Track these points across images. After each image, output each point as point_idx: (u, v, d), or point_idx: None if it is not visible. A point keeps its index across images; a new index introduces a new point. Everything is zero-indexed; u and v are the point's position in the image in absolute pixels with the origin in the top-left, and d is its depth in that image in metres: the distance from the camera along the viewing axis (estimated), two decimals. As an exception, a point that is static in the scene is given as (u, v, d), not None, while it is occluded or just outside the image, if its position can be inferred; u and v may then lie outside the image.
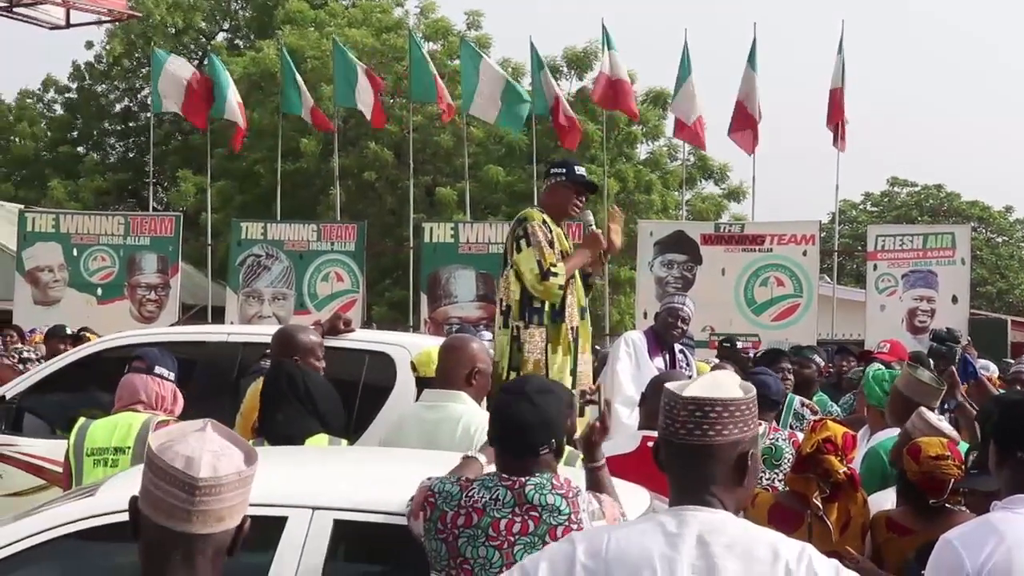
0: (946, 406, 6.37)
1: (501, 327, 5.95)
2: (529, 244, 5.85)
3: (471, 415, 4.47)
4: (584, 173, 6.16)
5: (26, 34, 51.20)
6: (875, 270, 15.38)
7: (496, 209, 23.44)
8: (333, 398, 4.85)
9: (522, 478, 3.28)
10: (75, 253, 16.57)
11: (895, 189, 44.66)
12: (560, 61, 24.91)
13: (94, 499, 3.61)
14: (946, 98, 78.04)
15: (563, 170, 6.12)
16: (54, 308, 15.93)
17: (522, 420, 3.36)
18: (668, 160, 26.11)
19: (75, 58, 36.42)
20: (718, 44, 54.84)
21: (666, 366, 7.33)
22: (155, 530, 2.21)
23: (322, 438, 4.63)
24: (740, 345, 11.38)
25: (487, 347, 5.20)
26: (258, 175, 24.85)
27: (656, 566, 2.33)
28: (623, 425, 6.20)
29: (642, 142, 25.56)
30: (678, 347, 7.65)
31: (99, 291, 16.52)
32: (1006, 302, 39.75)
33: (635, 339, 7.53)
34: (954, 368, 6.78)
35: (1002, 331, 17.49)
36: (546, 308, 5.89)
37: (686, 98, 16.69)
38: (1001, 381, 9.77)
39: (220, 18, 33.55)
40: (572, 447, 3.79)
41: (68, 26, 21.61)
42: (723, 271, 15.28)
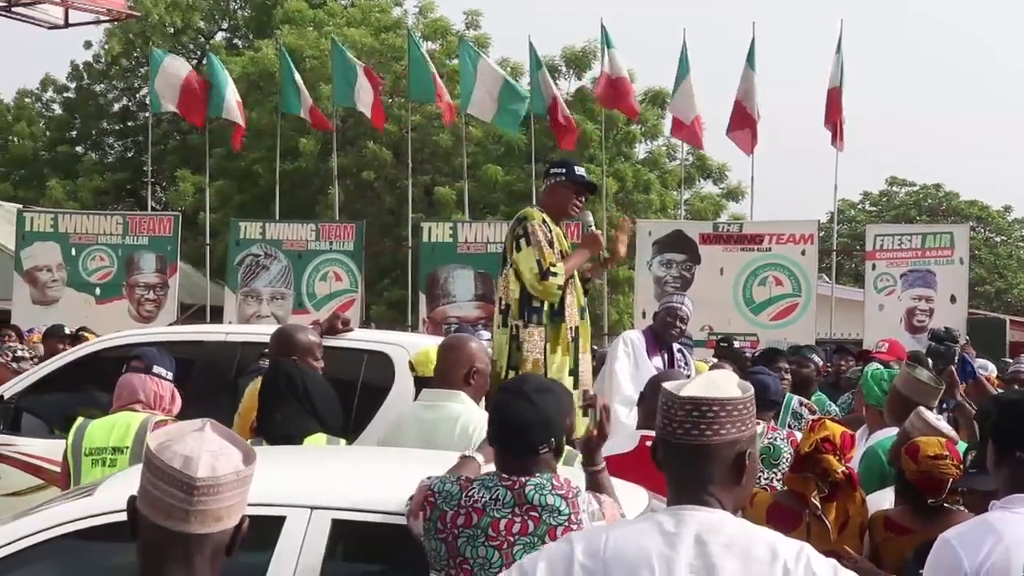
0: (945, 405, 6.36)
1: (500, 326, 5.95)
2: (529, 243, 5.86)
3: (469, 415, 4.47)
4: (584, 173, 6.16)
5: (24, 33, 51.41)
6: (873, 270, 15.35)
7: (495, 209, 23.43)
8: (331, 398, 4.85)
9: (522, 478, 3.27)
10: (73, 253, 16.52)
11: (894, 189, 44.71)
12: (559, 61, 24.91)
13: (92, 499, 3.60)
14: (944, 98, 78.20)
15: (563, 170, 6.12)
16: (52, 308, 15.88)
17: (521, 419, 3.35)
18: (667, 160, 26.11)
19: (73, 58, 36.54)
20: (717, 44, 54.90)
21: (664, 365, 7.33)
22: (153, 530, 2.21)
23: (320, 438, 4.63)
24: (737, 344, 11.35)
25: (485, 347, 5.20)
26: (256, 175, 24.84)
27: (654, 565, 2.33)
28: (621, 424, 6.19)
29: (641, 141, 25.56)
30: (676, 347, 7.65)
31: (97, 291, 16.48)
32: (1004, 302, 39.76)
33: (633, 338, 7.54)
34: (953, 368, 6.76)
35: (1000, 331, 17.47)
36: (545, 307, 5.89)
37: (684, 97, 16.66)
38: (999, 381, 9.77)
39: (219, 18, 33.55)
40: (571, 446, 3.79)
41: (67, 25, 21.53)
42: (722, 271, 15.26)
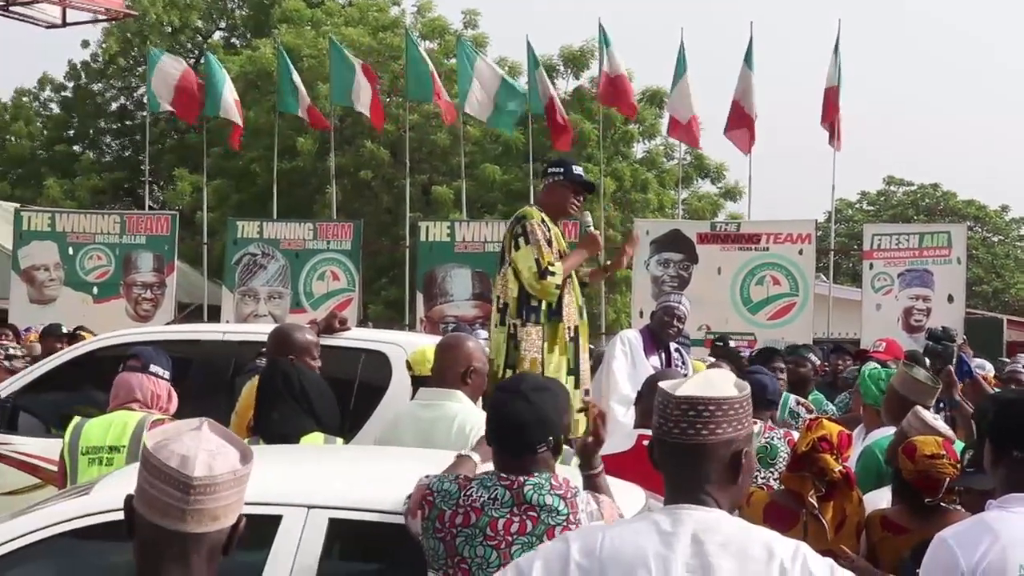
0: (942, 404, 6.37)
1: (498, 324, 5.95)
2: (527, 242, 5.86)
3: (467, 414, 4.47)
4: (582, 173, 6.17)
5: (22, 32, 51.35)
6: (871, 269, 15.34)
7: (492, 208, 23.41)
8: (328, 397, 4.85)
9: (521, 477, 3.27)
10: (71, 252, 16.49)
11: (891, 188, 44.74)
12: (557, 60, 24.91)
13: (89, 498, 3.60)
14: (942, 97, 78.25)
15: (561, 169, 6.13)
16: (50, 307, 15.87)
17: (519, 418, 3.34)
18: (664, 159, 26.10)
19: (71, 57, 36.43)
20: (714, 43, 54.85)
21: (662, 365, 7.33)
22: (150, 529, 2.20)
23: (317, 437, 4.62)
24: (734, 344, 11.34)
25: (483, 346, 5.20)
26: (254, 174, 24.81)
27: (651, 565, 2.33)
28: (619, 424, 6.19)
29: (639, 141, 25.56)
30: (674, 346, 7.66)
31: (95, 290, 16.45)
32: (1002, 301, 39.79)
33: (631, 338, 7.54)
34: (951, 367, 6.77)
35: (998, 330, 17.49)
36: (543, 307, 5.89)
37: (681, 97, 16.65)
38: (997, 380, 9.78)
39: (216, 17, 33.54)
40: (568, 445, 3.79)
41: (64, 25, 21.53)
42: (719, 270, 15.25)
